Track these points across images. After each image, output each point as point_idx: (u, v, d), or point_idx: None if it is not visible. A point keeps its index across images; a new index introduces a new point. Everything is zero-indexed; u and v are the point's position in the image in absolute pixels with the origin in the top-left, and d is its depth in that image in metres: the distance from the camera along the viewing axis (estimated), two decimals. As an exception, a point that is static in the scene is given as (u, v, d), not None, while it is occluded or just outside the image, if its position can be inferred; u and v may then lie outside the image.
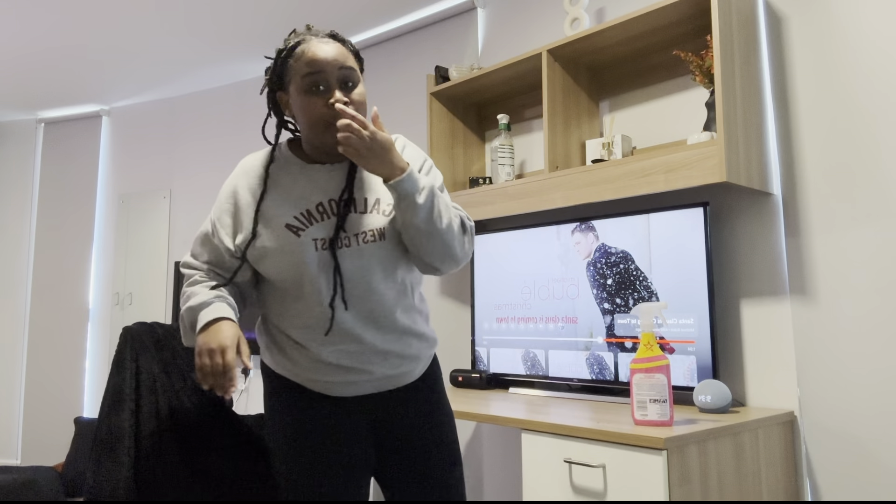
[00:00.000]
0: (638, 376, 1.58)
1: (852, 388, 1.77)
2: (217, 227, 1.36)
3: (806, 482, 1.82)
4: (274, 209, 1.33)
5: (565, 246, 2.25)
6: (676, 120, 2.16)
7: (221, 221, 1.35)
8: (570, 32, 2.29)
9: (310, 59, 1.29)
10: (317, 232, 1.31)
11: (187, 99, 4.11)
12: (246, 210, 1.34)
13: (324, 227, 1.32)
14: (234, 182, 1.38)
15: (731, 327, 1.99)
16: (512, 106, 2.66)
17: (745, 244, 1.98)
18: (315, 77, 1.28)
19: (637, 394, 1.58)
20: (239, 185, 1.37)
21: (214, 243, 1.35)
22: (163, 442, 1.44)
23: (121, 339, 1.52)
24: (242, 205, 1.35)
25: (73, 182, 4.37)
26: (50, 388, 4.18)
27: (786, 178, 1.93)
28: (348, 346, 1.34)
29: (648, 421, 1.57)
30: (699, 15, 1.97)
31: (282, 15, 3.08)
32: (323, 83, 1.29)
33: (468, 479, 2.68)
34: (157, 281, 4.01)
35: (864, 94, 1.80)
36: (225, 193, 1.38)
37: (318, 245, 1.31)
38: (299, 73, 1.29)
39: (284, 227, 1.31)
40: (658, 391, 1.56)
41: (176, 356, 1.57)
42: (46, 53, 3.46)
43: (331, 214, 1.33)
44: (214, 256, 1.36)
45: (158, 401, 1.47)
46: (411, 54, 3.11)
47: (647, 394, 1.57)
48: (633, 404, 1.59)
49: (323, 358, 1.34)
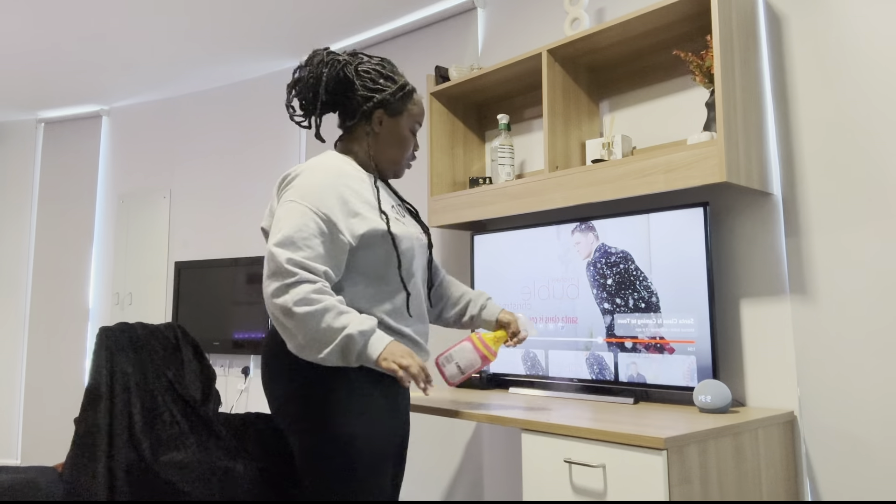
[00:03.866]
0: (468, 345, 1.75)
1: (852, 388, 1.77)
2: (333, 221, 1.48)
3: (806, 482, 1.82)
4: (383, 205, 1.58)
5: (565, 246, 2.25)
6: (676, 120, 2.16)
7: (333, 217, 1.48)
8: (570, 32, 2.29)
9: (421, 111, 1.70)
10: (411, 227, 1.63)
11: (187, 99, 4.11)
12: (359, 204, 1.52)
13: (409, 223, 1.65)
14: (333, 182, 1.52)
15: (731, 327, 1.99)
16: (512, 106, 2.66)
17: (745, 244, 1.98)
18: (418, 126, 1.70)
19: (457, 352, 1.75)
20: (340, 184, 1.53)
21: (338, 238, 1.48)
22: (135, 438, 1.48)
23: (97, 340, 1.61)
24: (353, 200, 1.51)
25: (73, 182, 4.37)
26: (50, 388, 4.18)
27: (786, 178, 1.93)
28: (424, 328, 1.63)
29: (441, 369, 1.76)
30: (699, 15, 1.97)
31: (281, 15, 3.08)
32: (416, 132, 1.71)
33: (468, 479, 2.68)
34: (157, 281, 4.02)
35: (864, 94, 1.80)
36: (328, 192, 1.50)
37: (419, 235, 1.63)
38: (412, 116, 1.67)
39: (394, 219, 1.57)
40: (465, 366, 1.74)
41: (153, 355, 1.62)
42: (46, 53, 3.46)
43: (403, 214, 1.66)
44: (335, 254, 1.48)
45: (131, 399, 1.52)
46: (411, 54, 3.11)
47: (460, 359, 1.74)
48: (449, 353, 1.76)
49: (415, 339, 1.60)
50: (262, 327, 3.48)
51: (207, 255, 3.87)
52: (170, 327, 1.76)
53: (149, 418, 1.55)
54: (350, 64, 1.62)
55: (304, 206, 1.47)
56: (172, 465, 1.51)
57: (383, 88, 1.61)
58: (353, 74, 1.60)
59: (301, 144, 3.60)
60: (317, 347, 1.40)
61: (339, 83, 1.61)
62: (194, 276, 3.78)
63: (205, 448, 1.56)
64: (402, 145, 1.66)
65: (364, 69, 1.62)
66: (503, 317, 1.80)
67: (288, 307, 1.39)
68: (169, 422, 1.56)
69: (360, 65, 1.63)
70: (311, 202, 1.47)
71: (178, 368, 1.68)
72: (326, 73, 1.59)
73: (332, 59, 1.61)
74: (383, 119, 1.63)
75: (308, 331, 1.39)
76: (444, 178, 2.61)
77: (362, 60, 1.64)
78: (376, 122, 1.63)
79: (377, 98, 1.60)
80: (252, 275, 3.56)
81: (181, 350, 1.73)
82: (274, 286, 1.41)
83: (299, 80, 1.64)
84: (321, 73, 1.60)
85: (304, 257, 1.42)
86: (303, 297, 1.39)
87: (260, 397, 3.56)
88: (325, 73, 1.59)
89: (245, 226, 3.75)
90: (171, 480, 1.49)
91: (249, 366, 3.62)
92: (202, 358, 1.76)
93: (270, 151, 3.72)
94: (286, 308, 1.39)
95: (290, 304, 1.39)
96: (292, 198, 1.50)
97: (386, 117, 1.63)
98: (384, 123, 1.63)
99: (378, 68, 1.63)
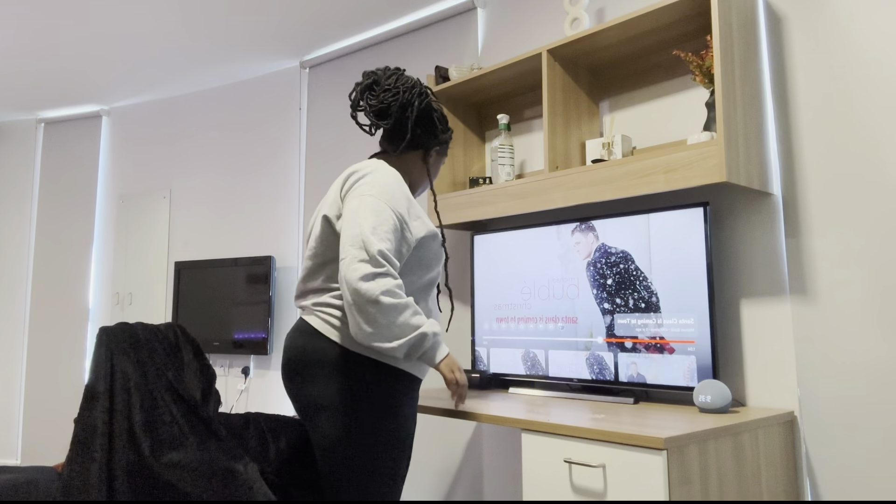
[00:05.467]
0: None
1: (852, 388, 1.77)
2: (405, 219, 1.63)
3: (806, 482, 1.82)
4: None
5: (565, 246, 2.25)
6: (676, 120, 2.16)
7: (405, 217, 1.63)
8: (570, 32, 2.29)
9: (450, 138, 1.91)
10: None
11: (187, 99, 4.11)
12: (418, 209, 1.70)
13: None
14: (401, 186, 1.68)
15: (731, 327, 1.99)
16: (512, 106, 2.65)
17: (745, 244, 1.98)
18: None
19: None
20: (405, 189, 1.70)
21: (406, 236, 1.63)
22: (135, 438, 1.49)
23: (97, 340, 1.62)
24: (414, 205, 1.70)
25: (72, 182, 4.37)
26: (50, 388, 4.18)
27: (786, 178, 1.93)
28: None
29: None
30: (699, 15, 1.97)
31: (281, 15, 3.08)
32: None
33: (468, 479, 2.68)
34: (157, 281, 4.02)
35: (864, 94, 1.80)
36: (399, 195, 1.65)
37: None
38: (445, 157, 1.93)
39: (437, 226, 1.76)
40: None
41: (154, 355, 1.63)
42: (46, 53, 3.46)
43: None
44: (403, 251, 1.63)
45: (131, 399, 1.53)
46: (411, 54, 3.11)
47: None
48: None
49: None
50: (262, 327, 3.48)
51: (207, 255, 3.87)
52: (170, 327, 1.76)
53: (149, 418, 1.55)
54: (434, 105, 1.83)
55: (382, 202, 1.60)
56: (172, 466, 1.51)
57: (446, 131, 1.87)
58: (437, 119, 1.84)
59: (301, 144, 3.60)
60: (389, 337, 1.53)
61: (425, 118, 1.80)
62: (194, 276, 3.78)
63: (205, 448, 1.56)
64: (433, 177, 1.90)
65: (439, 115, 1.86)
66: None
67: (374, 295, 1.49)
68: (169, 422, 1.56)
69: (440, 109, 1.88)
70: (387, 200, 1.61)
71: (178, 368, 1.68)
72: (418, 101, 1.77)
73: (423, 92, 1.80)
74: (433, 155, 1.87)
75: (387, 321, 1.51)
76: (445, 178, 2.61)
77: (438, 102, 1.89)
78: (431, 156, 1.86)
79: (442, 138, 1.85)
80: (252, 275, 3.56)
81: (181, 350, 1.73)
82: (364, 271, 1.51)
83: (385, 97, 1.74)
84: (413, 99, 1.76)
85: (388, 249, 1.55)
86: (389, 288, 1.51)
87: (260, 397, 3.56)
88: (417, 101, 1.77)
89: (245, 226, 3.75)
90: (171, 480, 1.49)
91: (249, 366, 3.62)
92: (202, 358, 1.76)
93: (270, 151, 3.72)
94: (372, 295, 1.49)
95: (378, 292, 1.50)
96: (370, 192, 1.62)
97: (436, 155, 1.88)
98: (433, 159, 1.87)
99: (444, 113, 1.94)
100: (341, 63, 3.44)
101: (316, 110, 3.53)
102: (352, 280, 1.50)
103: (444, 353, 1.63)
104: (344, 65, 3.42)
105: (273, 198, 3.67)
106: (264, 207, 3.69)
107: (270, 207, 3.67)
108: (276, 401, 3.49)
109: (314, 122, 3.53)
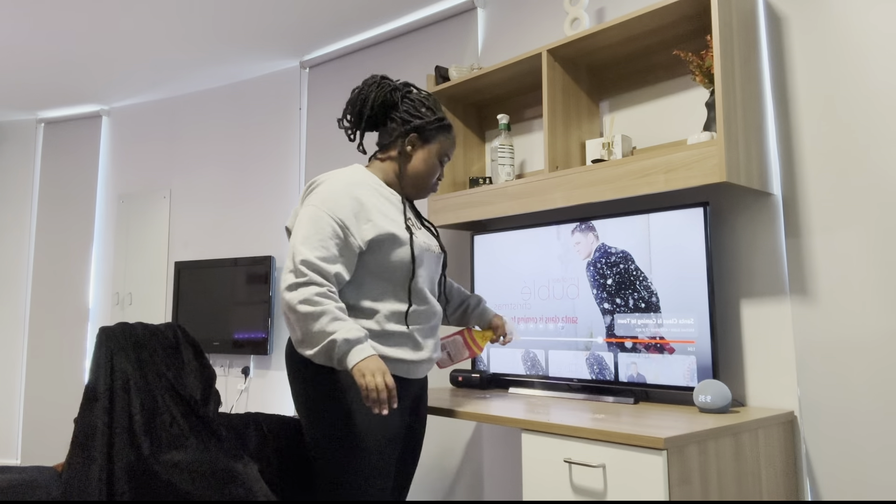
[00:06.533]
0: (459, 339, 1.99)
1: (852, 388, 1.77)
2: (346, 224, 1.63)
3: (806, 482, 1.82)
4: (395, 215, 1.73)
5: (565, 246, 2.25)
6: (676, 120, 2.16)
7: (347, 223, 1.63)
8: (570, 32, 2.29)
9: (453, 146, 1.84)
10: (423, 237, 1.77)
11: (187, 99, 4.11)
12: (373, 212, 1.66)
13: (423, 234, 1.79)
14: (350, 191, 1.67)
15: (731, 327, 1.99)
16: (512, 106, 2.65)
17: (745, 244, 1.98)
18: (447, 159, 1.83)
19: (450, 343, 2.00)
20: (356, 193, 1.67)
21: (350, 241, 1.63)
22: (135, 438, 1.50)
23: (97, 340, 1.63)
24: (367, 208, 1.66)
25: (72, 182, 4.37)
26: (50, 388, 4.19)
27: (786, 178, 1.93)
28: (426, 326, 1.75)
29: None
30: (699, 15, 1.97)
31: (281, 15, 3.08)
32: (444, 164, 1.84)
33: (468, 479, 2.68)
34: (157, 281, 4.02)
35: (864, 94, 1.80)
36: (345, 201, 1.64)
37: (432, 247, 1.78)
38: (443, 147, 1.80)
39: (405, 227, 1.71)
40: (454, 355, 2.00)
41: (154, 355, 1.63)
42: (46, 53, 3.46)
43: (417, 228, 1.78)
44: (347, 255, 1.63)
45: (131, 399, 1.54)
46: (411, 54, 3.11)
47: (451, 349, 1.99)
48: (442, 342, 1.98)
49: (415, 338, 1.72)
50: (262, 327, 3.48)
51: (207, 255, 3.87)
52: (170, 327, 1.76)
53: (149, 418, 1.55)
54: (398, 90, 1.78)
55: (322, 210, 1.63)
56: (172, 466, 1.51)
57: (422, 116, 1.77)
58: (398, 98, 1.77)
59: (301, 144, 3.60)
60: (308, 345, 1.57)
61: (385, 104, 1.77)
62: (194, 276, 3.78)
63: (205, 448, 1.56)
64: (427, 170, 1.80)
65: (410, 97, 1.79)
66: (495, 321, 2.02)
67: (293, 304, 1.55)
68: (169, 422, 1.57)
69: (408, 93, 1.80)
70: (328, 208, 1.63)
71: (178, 369, 1.68)
72: (375, 93, 1.76)
73: (383, 83, 1.78)
74: (415, 143, 1.78)
75: (305, 329, 1.55)
76: (444, 177, 2.61)
77: (410, 91, 1.81)
78: (409, 144, 1.77)
79: (415, 123, 1.76)
80: (252, 275, 3.56)
81: (181, 350, 1.73)
82: (287, 282, 1.57)
83: (352, 98, 1.80)
84: (370, 92, 1.76)
85: (318, 257, 1.58)
86: (307, 297, 1.54)
87: (260, 397, 3.56)
88: (374, 92, 1.76)
89: (245, 226, 3.75)
90: (171, 480, 1.50)
91: (249, 366, 3.62)
92: (202, 358, 1.77)
93: (270, 151, 3.72)
94: (292, 304, 1.55)
95: (296, 301, 1.54)
96: (313, 202, 1.66)
97: (418, 142, 1.78)
98: (416, 147, 1.78)
99: (423, 99, 1.79)
100: (341, 63, 3.44)
101: (316, 110, 3.54)
102: (280, 290, 1.61)
103: (359, 357, 1.53)
104: (344, 65, 3.42)
105: (273, 198, 3.67)
106: (264, 207, 3.69)
107: (270, 207, 3.67)
108: (276, 401, 3.49)
109: (314, 122, 3.53)
